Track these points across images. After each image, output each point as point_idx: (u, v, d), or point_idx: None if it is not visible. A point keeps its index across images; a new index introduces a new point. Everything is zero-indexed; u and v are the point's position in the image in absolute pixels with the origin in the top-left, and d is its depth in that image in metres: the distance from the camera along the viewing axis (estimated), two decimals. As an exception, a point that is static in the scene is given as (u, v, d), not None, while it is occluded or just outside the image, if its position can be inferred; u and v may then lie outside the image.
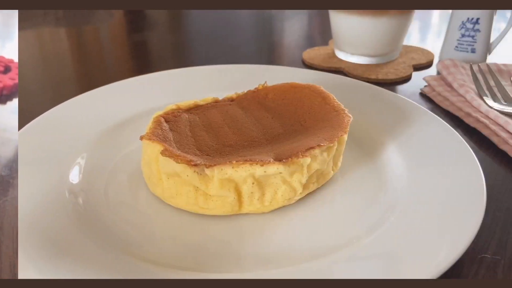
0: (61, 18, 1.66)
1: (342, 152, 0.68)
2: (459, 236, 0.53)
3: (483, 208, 0.57)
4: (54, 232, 0.55)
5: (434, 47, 1.32)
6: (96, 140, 0.75)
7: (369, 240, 0.56)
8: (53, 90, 1.06)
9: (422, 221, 0.57)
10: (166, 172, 0.61)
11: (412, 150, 0.72)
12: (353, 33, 1.14)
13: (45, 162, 0.68)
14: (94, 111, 0.82)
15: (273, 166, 0.58)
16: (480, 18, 1.12)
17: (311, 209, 0.63)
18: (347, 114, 0.69)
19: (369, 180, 0.69)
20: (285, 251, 0.56)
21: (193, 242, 0.58)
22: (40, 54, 1.35)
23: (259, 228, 0.60)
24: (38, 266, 0.50)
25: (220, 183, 0.58)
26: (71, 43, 1.46)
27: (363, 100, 0.87)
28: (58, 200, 0.61)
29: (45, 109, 0.79)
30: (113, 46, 1.47)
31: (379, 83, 1.07)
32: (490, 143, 0.82)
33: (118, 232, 0.58)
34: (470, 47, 1.16)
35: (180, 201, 0.62)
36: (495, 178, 0.73)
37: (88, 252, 0.53)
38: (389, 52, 1.18)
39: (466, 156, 0.68)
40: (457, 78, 1.00)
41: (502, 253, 0.58)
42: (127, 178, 0.69)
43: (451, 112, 0.94)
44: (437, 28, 1.65)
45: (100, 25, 1.63)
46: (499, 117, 0.84)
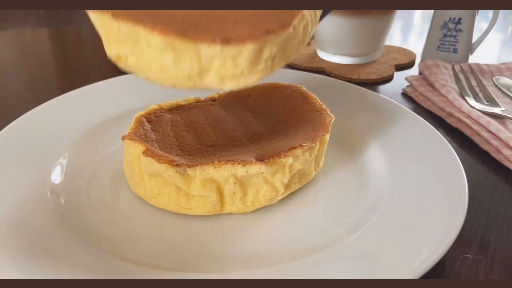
0: (43, 18, 1.65)
1: (324, 152, 0.68)
2: (441, 236, 0.53)
3: (465, 208, 0.57)
4: (35, 232, 0.55)
5: (416, 47, 1.32)
6: (78, 140, 0.75)
7: (350, 240, 0.56)
8: (35, 90, 1.05)
9: (404, 221, 0.57)
10: (148, 172, 0.61)
11: (394, 150, 0.72)
12: (335, 33, 1.14)
13: (27, 162, 0.67)
14: (76, 111, 0.82)
15: (255, 166, 0.58)
16: (462, 18, 1.12)
17: (293, 209, 0.64)
18: (329, 114, 0.69)
19: (351, 180, 0.69)
20: (267, 251, 0.56)
21: (175, 242, 0.58)
22: (21, 54, 1.34)
23: (241, 228, 0.60)
24: (19, 266, 0.49)
25: (202, 183, 0.58)
26: (53, 43, 1.45)
27: (345, 100, 0.87)
28: (40, 200, 0.61)
29: (27, 109, 0.79)
30: (95, 46, 1.46)
31: (361, 83, 1.07)
32: (472, 143, 0.83)
33: (100, 232, 0.58)
34: (452, 47, 1.16)
35: (162, 201, 0.62)
36: (477, 178, 0.73)
37: (69, 252, 0.52)
38: (371, 52, 1.18)
39: (448, 156, 0.68)
40: (439, 78, 1.01)
41: (484, 253, 0.58)
42: (109, 178, 0.69)
43: (433, 112, 0.94)
44: (419, 28, 1.65)
45: (82, 25, 1.62)
46: (481, 117, 0.84)
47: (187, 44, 0.46)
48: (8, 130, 0.73)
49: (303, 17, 0.50)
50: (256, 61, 0.49)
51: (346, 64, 1.17)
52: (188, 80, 0.49)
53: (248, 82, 0.50)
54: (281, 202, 0.64)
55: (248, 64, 0.48)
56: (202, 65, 0.48)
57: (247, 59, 0.47)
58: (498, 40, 1.48)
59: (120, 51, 0.50)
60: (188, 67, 0.48)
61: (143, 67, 0.50)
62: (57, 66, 1.25)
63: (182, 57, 0.47)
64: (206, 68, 0.48)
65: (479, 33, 1.18)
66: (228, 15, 0.48)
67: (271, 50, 0.48)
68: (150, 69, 0.50)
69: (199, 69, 0.48)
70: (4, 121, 0.75)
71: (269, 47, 0.48)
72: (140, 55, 0.49)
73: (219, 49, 0.46)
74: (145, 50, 0.48)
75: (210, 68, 0.48)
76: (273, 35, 0.47)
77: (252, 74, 0.49)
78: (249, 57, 0.47)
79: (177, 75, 0.49)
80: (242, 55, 0.47)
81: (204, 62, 0.48)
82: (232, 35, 0.46)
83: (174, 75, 0.49)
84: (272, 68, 0.51)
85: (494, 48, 1.41)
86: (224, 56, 0.47)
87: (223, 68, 0.48)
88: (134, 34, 0.47)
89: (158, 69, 0.49)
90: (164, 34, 0.46)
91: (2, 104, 0.92)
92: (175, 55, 0.47)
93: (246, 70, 0.48)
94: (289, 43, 0.50)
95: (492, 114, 0.86)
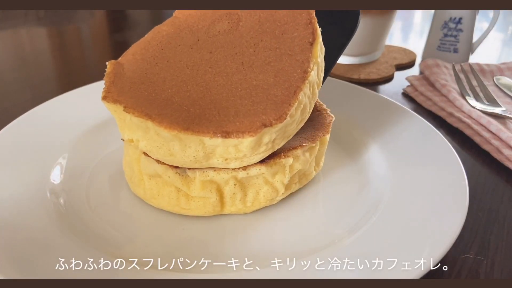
0: (42, 18, 1.65)
1: (324, 152, 0.68)
2: (441, 237, 0.53)
3: (466, 208, 0.57)
4: (35, 232, 0.55)
5: (416, 47, 1.32)
6: (77, 141, 0.75)
7: (351, 240, 0.56)
8: (34, 90, 1.05)
9: (404, 222, 0.57)
10: (148, 173, 0.60)
11: (394, 150, 0.72)
12: (336, 33, 1.14)
13: (26, 163, 0.67)
14: (75, 111, 0.82)
15: (255, 168, 0.58)
16: (463, 18, 1.12)
17: (293, 210, 0.63)
18: (329, 114, 0.69)
19: (351, 180, 0.69)
20: (267, 251, 0.56)
21: (175, 242, 0.58)
22: (20, 54, 1.34)
23: (241, 228, 0.60)
24: (18, 266, 0.49)
25: (201, 184, 0.58)
26: (52, 43, 1.45)
27: (345, 100, 0.86)
28: (39, 200, 0.61)
29: (26, 109, 0.79)
30: (94, 45, 1.46)
31: (361, 83, 1.08)
32: (472, 143, 0.83)
33: (99, 233, 0.58)
34: (452, 47, 1.16)
35: (161, 201, 0.61)
36: (478, 178, 0.73)
37: (69, 252, 0.52)
38: (371, 52, 1.18)
39: (448, 156, 0.68)
40: (439, 78, 1.01)
41: (484, 253, 0.58)
42: (109, 178, 0.69)
43: (433, 112, 0.94)
44: (419, 28, 1.65)
45: (81, 24, 1.62)
46: (482, 117, 0.84)
47: (191, 136, 0.52)
48: (7, 130, 0.73)
49: (300, 103, 0.56)
50: (257, 147, 0.54)
51: (346, 64, 1.17)
52: (194, 162, 0.55)
53: (250, 162, 0.57)
54: (281, 203, 0.64)
55: (249, 150, 0.54)
56: (206, 151, 0.54)
57: (248, 147, 0.53)
58: (498, 40, 1.48)
59: (132, 136, 0.57)
60: (193, 153, 0.54)
61: (153, 151, 0.56)
62: (56, 66, 1.25)
63: (188, 145, 0.54)
64: (210, 152, 0.55)
65: (479, 33, 1.18)
66: (230, 105, 0.55)
67: (270, 137, 0.54)
68: (159, 152, 0.56)
69: (204, 154, 0.54)
70: (3, 121, 0.75)
71: (267, 136, 0.54)
72: (150, 141, 0.56)
73: (220, 141, 0.52)
74: (154, 138, 0.55)
75: (214, 153, 0.55)
76: (270, 128, 0.52)
77: (254, 155, 0.56)
78: (249, 145, 0.53)
79: (185, 158, 0.55)
80: (243, 144, 0.53)
81: (208, 149, 0.54)
82: (232, 129, 0.52)
83: (182, 159, 0.55)
84: (273, 147, 0.57)
85: (495, 48, 1.41)
86: (226, 145, 0.53)
87: (227, 153, 0.55)
88: (143, 125, 0.54)
89: (166, 153, 0.56)
90: (170, 129, 0.52)
91: (1, 104, 0.92)
92: (181, 144, 0.54)
93: (248, 153, 0.55)
94: (288, 127, 0.57)
95: (493, 114, 0.86)
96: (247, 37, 0.62)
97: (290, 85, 0.55)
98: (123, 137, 0.59)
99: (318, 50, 0.59)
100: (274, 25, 0.61)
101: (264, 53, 0.59)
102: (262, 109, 0.53)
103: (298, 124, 0.59)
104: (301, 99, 0.55)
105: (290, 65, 0.57)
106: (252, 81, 0.57)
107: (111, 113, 0.59)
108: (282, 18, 0.62)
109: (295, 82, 0.55)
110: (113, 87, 0.59)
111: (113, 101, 0.56)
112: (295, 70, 0.57)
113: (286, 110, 0.53)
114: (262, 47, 0.60)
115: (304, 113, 0.59)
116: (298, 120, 0.58)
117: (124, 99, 0.56)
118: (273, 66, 0.58)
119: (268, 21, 0.62)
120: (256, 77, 0.57)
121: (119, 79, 0.60)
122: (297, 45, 0.59)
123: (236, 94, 0.56)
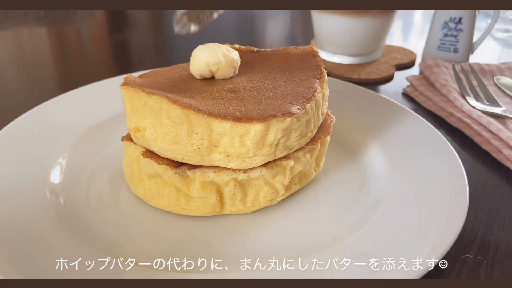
0: (42, 18, 1.65)
1: (324, 153, 0.68)
2: (441, 236, 0.53)
3: (466, 208, 0.57)
4: (34, 232, 0.55)
5: (416, 47, 1.32)
6: (77, 141, 0.75)
7: (351, 240, 0.55)
8: (34, 90, 1.05)
9: (404, 221, 0.57)
10: (148, 173, 0.60)
11: (394, 150, 0.72)
12: (335, 32, 1.14)
13: (26, 163, 0.67)
14: (75, 111, 0.82)
15: (256, 170, 0.58)
16: (463, 18, 1.12)
17: (293, 210, 0.63)
18: (329, 115, 0.69)
19: (351, 180, 0.69)
20: (267, 251, 0.56)
21: (175, 242, 0.58)
22: (20, 54, 1.34)
23: (241, 228, 0.60)
24: (18, 266, 0.49)
25: (201, 185, 0.58)
26: (51, 43, 1.45)
27: (346, 100, 0.86)
28: (39, 200, 0.61)
29: (26, 109, 0.79)
30: (94, 45, 1.46)
31: (361, 83, 1.08)
32: (472, 143, 0.83)
33: (99, 233, 0.58)
34: (452, 46, 1.16)
35: (161, 201, 0.61)
36: (478, 178, 0.73)
37: (68, 252, 0.52)
38: (371, 52, 1.18)
39: (448, 156, 0.68)
40: (439, 78, 1.01)
41: (484, 253, 0.58)
42: (109, 178, 0.69)
43: (433, 112, 0.94)
44: (419, 28, 1.65)
45: (81, 24, 1.62)
46: (482, 117, 0.84)
47: (201, 118, 0.55)
48: (7, 130, 0.73)
49: (306, 112, 0.59)
50: (261, 144, 0.56)
51: (346, 64, 1.17)
52: (196, 154, 0.57)
53: (251, 164, 0.58)
54: (282, 203, 0.64)
55: (253, 145, 0.56)
56: (212, 140, 0.56)
57: (253, 140, 0.56)
58: (498, 40, 1.48)
59: (140, 124, 0.59)
60: (199, 141, 0.56)
61: (158, 139, 0.58)
62: (56, 66, 1.25)
63: (195, 131, 0.56)
64: (215, 143, 0.57)
65: (479, 32, 1.18)
66: (240, 104, 0.59)
67: (276, 135, 0.56)
68: (164, 140, 0.58)
69: (209, 143, 0.56)
70: (3, 121, 0.75)
71: (274, 131, 0.56)
72: (157, 127, 0.58)
73: (229, 126, 0.55)
74: (164, 122, 0.57)
75: (219, 144, 0.57)
76: (278, 119, 0.55)
77: (256, 155, 0.57)
78: (255, 137, 0.55)
79: (188, 147, 0.57)
80: (249, 135, 0.55)
81: (214, 139, 0.56)
82: (242, 115, 0.55)
83: (185, 148, 0.57)
84: (275, 154, 0.59)
85: (495, 48, 1.41)
86: (233, 134, 0.56)
87: (231, 146, 0.56)
88: (158, 106, 0.57)
89: (171, 141, 0.57)
90: (183, 107, 0.55)
91: (1, 104, 0.92)
92: (189, 128, 0.56)
93: (251, 150, 0.57)
94: (292, 133, 0.58)
95: (493, 114, 0.86)
96: (260, 75, 0.67)
97: (298, 98, 0.60)
98: (129, 126, 0.61)
99: (324, 83, 0.66)
100: (284, 66, 0.70)
101: (275, 82, 0.64)
102: (271, 109, 0.56)
103: (301, 136, 0.60)
104: (308, 109, 0.59)
105: (300, 88, 0.63)
106: (263, 94, 0.61)
107: (124, 102, 0.61)
108: (294, 64, 0.70)
109: (304, 95, 0.61)
110: (133, 77, 0.63)
111: (133, 85, 0.59)
112: (304, 91, 0.61)
113: (294, 112, 0.56)
114: (275, 78, 0.66)
115: (308, 127, 0.61)
116: (302, 131, 0.59)
117: (142, 86, 0.60)
118: (284, 88, 0.63)
119: (279, 66, 0.70)
120: (267, 93, 0.61)
121: (138, 79, 0.64)
122: (305, 79, 0.65)
123: (247, 100, 0.59)
